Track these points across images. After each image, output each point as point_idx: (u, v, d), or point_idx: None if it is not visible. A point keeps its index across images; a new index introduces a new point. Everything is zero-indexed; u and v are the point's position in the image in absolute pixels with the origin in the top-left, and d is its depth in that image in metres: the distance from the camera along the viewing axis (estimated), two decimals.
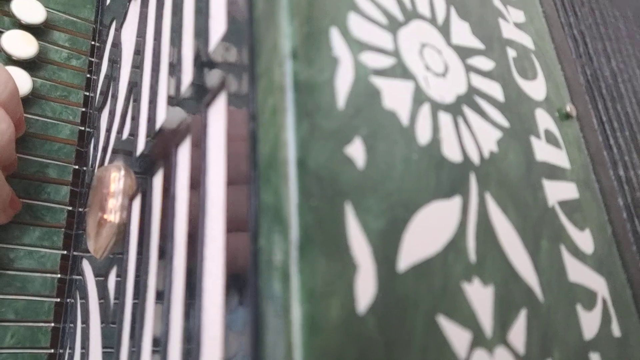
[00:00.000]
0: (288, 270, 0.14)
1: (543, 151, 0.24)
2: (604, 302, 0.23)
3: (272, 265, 0.14)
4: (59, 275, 0.45)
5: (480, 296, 0.18)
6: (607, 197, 0.27)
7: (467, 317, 0.17)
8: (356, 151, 0.17)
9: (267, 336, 0.14)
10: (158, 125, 0.28)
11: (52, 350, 0.43)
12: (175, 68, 0.27)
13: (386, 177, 0.17)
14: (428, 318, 0.16)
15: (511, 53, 0.27)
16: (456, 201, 0.19)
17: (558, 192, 0.24)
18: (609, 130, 0.33)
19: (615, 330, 0.23)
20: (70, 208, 0.48)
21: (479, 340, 0.17)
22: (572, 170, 0.26)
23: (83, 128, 0.52)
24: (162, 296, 0.22)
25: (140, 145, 0.32)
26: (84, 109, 0.53)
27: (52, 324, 0.43)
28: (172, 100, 0.26)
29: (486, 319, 0.18)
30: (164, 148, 0.26)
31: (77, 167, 0.50)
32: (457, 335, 0.17)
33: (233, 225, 0.17)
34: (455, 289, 0.17)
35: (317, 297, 0.14)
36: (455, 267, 0.18)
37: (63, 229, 0.47)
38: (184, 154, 0.24)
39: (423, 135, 0.20)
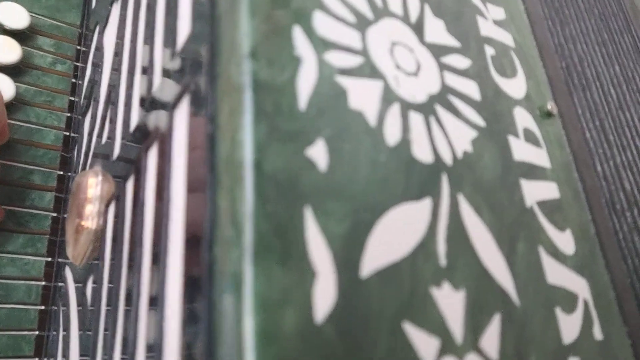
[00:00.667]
0: (241, 279, 0.14)
1: (521, 150, 0.24)
2: (585, 304, 0.22)
3: (224, 274, 0.14)
4: (43, 283, 0.45)
5: (450, 301, 0.17)
6: (590, 195, 0.27)
7: (435, 324, 0.17)
8: (318, 153, 0.16)
9: (220, 348, 0.13)
10: (132, 128, 0.28)
11: (37, 359, 0.42)
12: (148, 70, 0.26)
13: (351, 180, 0.17)
14: (393, 325, 0.16)
15: (489, 51, 0.26)
16: (426, 203, 0.19)
17: (537, 192, 0.23)
18: (584, 123, 0.32)
19: (597, 333, 0.22)
20: (54, 214, 0.48)
21: (448, 347, 0.16)
22: (553, 169, 0.25)
23: (68, 133, 0.51)
24: (131, 304, 0.22)
25: (117, 149, 0.31)
26: (69, 114, 0.52)
27: (37, 332, 0.43)
28: (144, 103, 0.26)
29: (456, 324, 0.17)
30: (136, 152, 0.26)
31: (61, 172, 0.49)
32: (424, 343, 0.16)
33: (191, 233, 0.17)
34: (424, 294, 0.17)
35: (271, 306, 0.13)
36: (423, 271, 0.17)
37: (47, 236, 0.47)
38: (152, 159, 0.23)
39: (392, 135, 0.19)
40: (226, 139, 0.16)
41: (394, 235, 0.17)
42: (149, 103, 0.25)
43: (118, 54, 0.36)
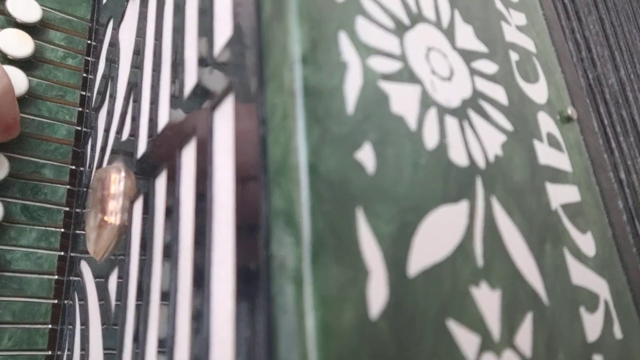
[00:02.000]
0: (301, 276, 0.14)
1: (546, 154, 0.25)
2: (606, 304, 0.23)
3: (284, 271, 0.14)
4: (56, 277, 0.45)
5: (487, 300, 0.18)
6: (607, 199, 0.28)
7: (475, 321, 0.17)
8: (366, 156, 0.17)
9: (281, 343, 0.14)
10: (160, 126, 0.28)
11: (50, 352, 0.42)
12: (177, 69, 0.27)
13: (395, 182, 0.18)
14: (438, 322, 0.16)
15: (514, 56, 0.27)
16: (463, 205, 0.19)
17: (561, 195, 0.24)
18: (612, 134, 0.33)
19: (617, 332, 0.23)
20: (67, 209, 0.48)
21: (487, 343, 0.17)
22: (574, 173, 0.26)
23: (80, 128, 0.52)
24: (168, 298, 0.22)
25: (142, 147, 0.32)
26: (80, 109, 0.52)
27: (50, 326, 0.43)
28: (175, 102, 0.26)
29: (494, 322, 0.18)
30: (166, 150, 0.26)
31: (74, 167, 0.49)
32: (466, 339, 0.17)
33: (243, 230, 0.17)
34: (464, 293, 0.18)
35: (330, 303, 0.14)
36: (463, 271, 0.18)
37: (60, 230, 0.47)
38: (188, 157, 0.23)
39: (430, 139, 0.20)
40: (280, 142, 0.16)
41: (436, 236, 0.18)
42: (182, 103, 0.25)
43: (139, 52, 0.37)
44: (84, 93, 0.53)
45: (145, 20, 0.37)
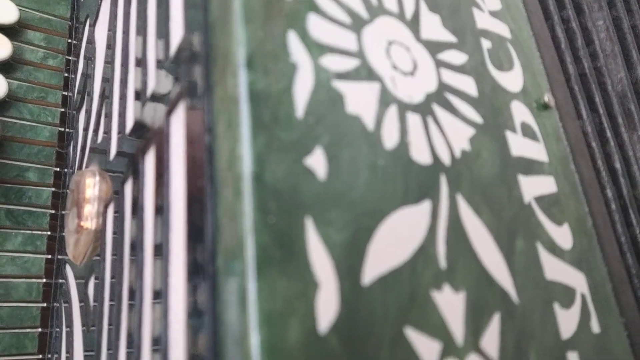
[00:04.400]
0: (244, 293, 0.14)
1: (519, 145, 0.24)
2: (583, 298, 0.23)
3: (228, 288, 0.14)
4: (44, 280, 0.45)
5: (450, 303, 0.18)
6: (587, 188, 0.27)
7: (436, 327, 0.17)
8: (317, 162, 0.16)
9: None
10: (129, 121, 0.27)
11: (41, 356, 0.42)
12: (142, 67, 0.26)
13: (350, 187, 0.17)
14: (395, 331, 0.16)
15: (486, 44, 0.26)
16: (425, 206, 0.19)
17: (535, 187, 0.23)
18: (608, 124, 0.33)
19: (595, 326, 0.22)
20: (53, 211, 0.48)
21: (449, 349, 0.17)
22: (550, 163, 0.25)
23: (63, 129, 0.51)
24: (134, 301, 0.22)
25: (113, 145, 0.31)
26: (63, 110, 0.52)
27: (39, 330, 0.43)
28: (140, 103, 0.26)
29: (457, 326, 0.17)
30: (133, 153, 0.26)
31: (58, 169, 0.49)
32: (426, 347, 0.16)
33: (192, 243, 0.17)
34: (425, 298, 0.17)
35: (275, 319, 0.13)
36: (424, 275, 0.17)
37: (47, 233, 0.47)
38: (150, 163, 0.23)
39: (390, 139, 0.19)
40: (225, 151, 0.16)
41: (395, 241, 0.17)
42: (145, 103, 0.25)
43: (110, 46, 0.36)
44: (66, 93, 0.52)
45: (115, 17, 0.36)
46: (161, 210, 0.20)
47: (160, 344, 0.18)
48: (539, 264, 0.21)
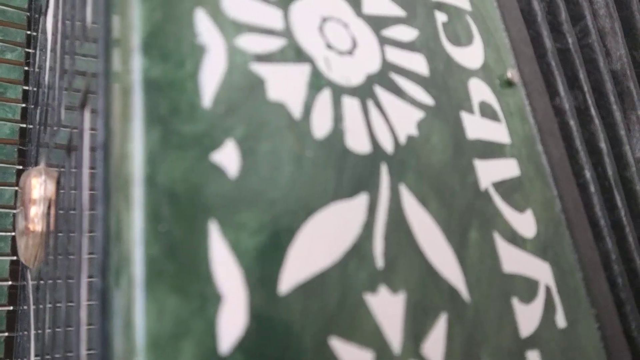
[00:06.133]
0: (130, 313, 0.12)
1: (476, 127, 0.22)
2: (547, 290, 0.21)
3: (115, 309, 0.12)
4: (9, 282, 0.44)
5: (387, 306, 0.16)
6: (557, 169, 0.25)
7: (368, 334, 0.15)
8: (227, 157, 0.15)
9: None
10: (62, 113, 0.26)
11: None
12: (70, 55, 0.24)
13: (269, 184, 0.15)
14: (317, 343, 0.14)
15: (440, 17, 0.24)
16: (361, 199, 0.17)
17: (494, 171, 0.22)
18: (592, 102, 0.31)
19: (560, 320, 0.21)
20: (16, 211, 0.46)
21: (383, 358, 0.15)
22: (513, 144, 0.23)
23: (24, 125, 0.49)
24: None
25: (53, 138, 0.29)
26: (23, 105, 0.50)
27: (6, 334, 0.42)
28: (67, 90, 0.24)
29: (394, 332, 0.16)
30: (65, 152, 0.24)
31: (20, 167, 0.47)
32: (354, 358, 0.14)
33: (95, 256, 0.15)
34: (356, 303, 0.15)
35: (164, 342, 0.12)
36: (357, 277, 0.16)
37: (11, 234, 0.45)
38: (72, 162, 0.21)
39: (321, 127, 0.17)
40: (116, 150, 0.14)
41: (322, 241, 0.15)
42: (70, 89, 0.23)
43: (54, 34, 0.34)
44: (26, 88, 0.50)
45: (57, 6, 0.34)
46: (75, 214, 0.18)
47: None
48: (496, 255, 0.20)
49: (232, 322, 0.13)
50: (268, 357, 0.13)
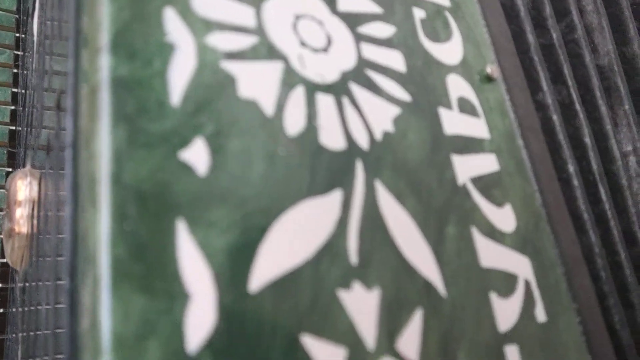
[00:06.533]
0: (95, 314, 0.12)
1: (454, 123, 0.22)
2: (527, 284, 0.21)
3: (82, 310, 0.12)
4: (0, 285, 0.43)
5: (361, 303, 0.16)
6: (537, 164, 0.25)
7: (341, 331, 0.15)
8: (196, 155, 0.15)
9: None
10: (43, 114, 0.26)
11: None
12: (49, 56, 0.24)
13: (240, 181, 0.15)
14: (289, 340, 0.14)
15: (419, 14, 0.24)
16: (335, 196, 0.17)
17: (472, 167, 0.22)
18: (577, 97, 0.31)
19: (540, 314, 0.21)
20: (2, 213, 0.46)
21: (356, 355, 0.15)
22: (492, 139, 0.23)
23: (14, 127, 0.49)
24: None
25: (37, 140, 0.29)
26: (13, 107, 0.49)
27: None
28: (47, 90, 0.24)
29: (368, 328, 0.16)
30: (45, 153, 0.24)
31: (10, 169, 0.47)
32: (327, 355, 0.15)
33: (63, 257, 0.15)
34: (329, 300, 0.15)
35: (129, 343, 0.12)
36: (330, 274, 0.16)
37: (1, 236, 0.45)
38: (50, 164, 0.21)
39: (294, 124, 0.17)
40: (84, 148, 0.14)
41: (294, 238, 0.15)
42: (49, 90, 0.23)
43: (39, 35, 0.34)
44: (15, 90, 0.50)
45: (43, 8, 0.34)
46: (49, 218, 0.18)
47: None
48: (474, 250, 0.20)
49: (200, 322, 0.13)
50: (238, 356, 0.13)
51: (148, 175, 0.14)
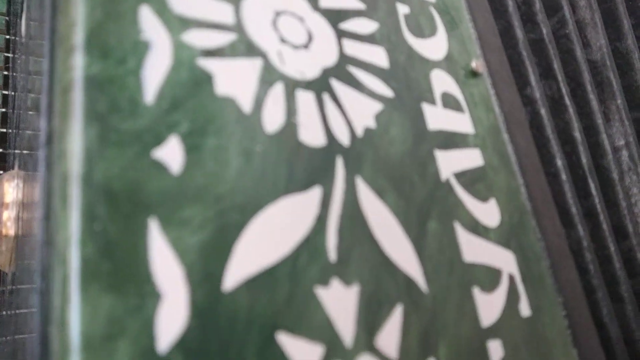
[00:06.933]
0: (64, 313, 0.12)
1: (438, 118, 0.22)
2: (511, 279, 0.21)
3: (50, 310, 0.12)
4: None
5: (339, 300, 0.16)
6: (523, 158, 0.25)
7: (318, 328, 0.15)
8: (170, 153, 0.14)
9: None
10: (28, 115, 0.25)
11: None
12: (33, 57, 0.24)
13: (215, 179, 0.15)
14: (264, 338, 0.14)
15: (402, 9, 0.24)
16: (315, 193, 0.17)
17: (455, 162, 0.22)
18: (567, 91, 0.31)
19: (524, 309, 0.21)
20: None
21: (334, 352, 0.15)
22: (477, 134, 0.23)
23: (4, 130, 0.49)
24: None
25: (23, 142, 0.29)
26: (4, 110, 0.49)
27: None
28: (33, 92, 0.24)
29: (346, 325, 0.16)
30: (28, 154, 0.24)
31: (1, 172, 0.47)
32: (303, 352, 0.14)
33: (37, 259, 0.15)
34: (306, 297, 0.15)
35: (97, 343, 0.12)
36: (307, 271, 0.16)
37: None
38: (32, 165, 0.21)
39: (272, 121, 0.17)
40: (56, 148, 0.14)
41: (272, 236, 0.15)
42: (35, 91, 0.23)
43: (26, 36, 0.34)
44: (6, 92, 0.50)
45: (29, 9, 0.34)
46: (30, 220, 0.18)
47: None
48: (456, 245, 0.20)
49: (171, 321, 0.13)
50: (210, 354, 0.13)
51: (119, 174, 0.13)
